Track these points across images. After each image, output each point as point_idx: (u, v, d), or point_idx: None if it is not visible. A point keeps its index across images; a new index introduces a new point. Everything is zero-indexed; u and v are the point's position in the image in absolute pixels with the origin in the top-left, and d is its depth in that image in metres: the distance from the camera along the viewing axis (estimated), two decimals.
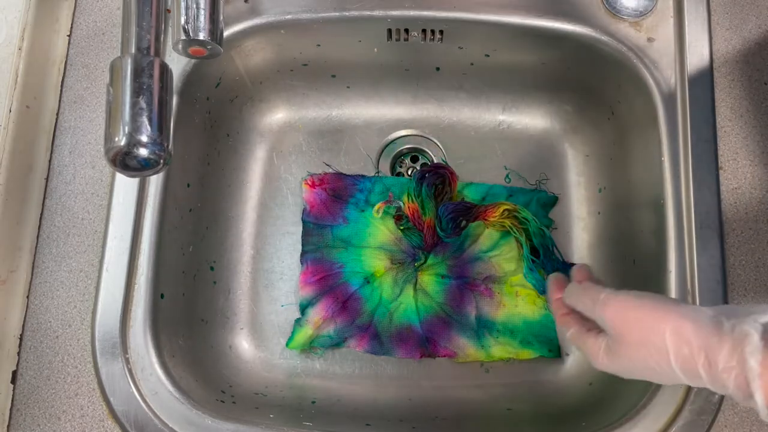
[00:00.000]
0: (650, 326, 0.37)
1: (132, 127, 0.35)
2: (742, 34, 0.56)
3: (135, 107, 0.36)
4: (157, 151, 0.36)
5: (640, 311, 0.38)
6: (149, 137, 0.35)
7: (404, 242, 0.63)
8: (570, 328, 0.44)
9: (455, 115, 0.68)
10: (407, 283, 0.62)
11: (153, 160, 0.36)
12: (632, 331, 0.38)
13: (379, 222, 0.63)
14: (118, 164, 0.36)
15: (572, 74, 0.61)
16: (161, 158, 0.36)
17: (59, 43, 0.58)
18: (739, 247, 0.51)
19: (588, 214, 0.64)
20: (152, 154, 0.36)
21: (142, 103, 0.36)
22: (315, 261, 0.63)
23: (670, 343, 0.36)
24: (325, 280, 0.62)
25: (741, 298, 0.50)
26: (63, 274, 0.54)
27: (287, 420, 0.53)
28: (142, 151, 0.35)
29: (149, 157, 0.36)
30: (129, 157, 0.36)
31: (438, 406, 0.59)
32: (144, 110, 0.36)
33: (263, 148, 0.68)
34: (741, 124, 0.54)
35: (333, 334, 0.61)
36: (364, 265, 0.62)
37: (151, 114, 0.36)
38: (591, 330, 0.43)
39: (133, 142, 0.35)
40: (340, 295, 0.62)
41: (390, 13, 0.57)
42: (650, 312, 0.38)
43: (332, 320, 0.61)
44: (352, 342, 0.61)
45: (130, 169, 0.37)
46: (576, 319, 0.44)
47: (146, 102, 0.36)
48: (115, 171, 0.37)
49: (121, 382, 0.50)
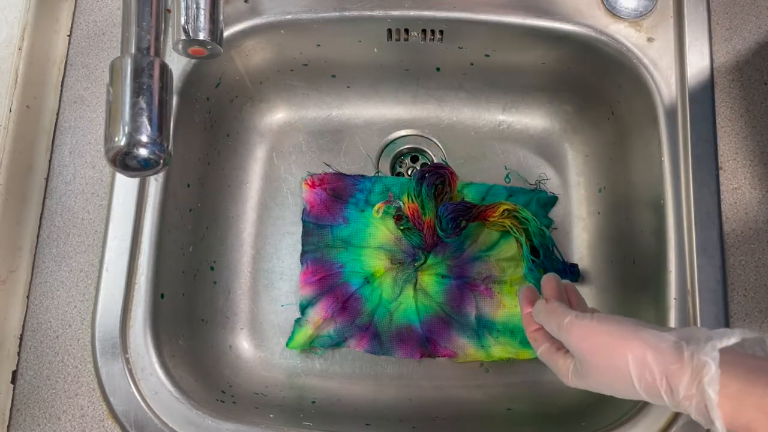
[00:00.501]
0: (613, 353, 0.38)
1: (132, 127, 0.35)
2: (742, 34, 0.56)
3: (135, 107, 0.36)
4: (157, 152, 0.36)
5: (604, 338, 0.39)
6: (149, 137, 0.35)
7: (404, 242, 0.63)
8: (540, 345, 0.45)
9: (455, 115, 0.68)
10: (407, 283, 0.62)
11: (153, 160, 0.36)
12: (596, 357, 0.39)
13: (379, 222, 0.63)
14: (118, 164, 0.36)
15: (572, 74, 0.61)
16: (161, 158, 0.36)
17: (59, 43, 0.58)
18: (739, 247, 0.51)
19: (588, 214, 0.64)
20: (152, 155, 0.36)
21: (142, 103, 0.36)
22: (315, 261, 0.63)
23: (633, 369, 0.37)
24: (325, 280, 0.62)
25: (741, 298, 0.50)
26: (63, 274, 0.54)
27: (287, 420, 0.53)
28: (142, 152, 0.35)
29: (149, 158, 0.36)
30: (129, 157, 0.36)
31: (438, 406, 0.59)
32: (144, 110, 0.36)
33: (263, 148, 0.68)
34: (741, 124, 0.54)
35: (333, 334, 0.61)
36: (364, 265, 0.62)
37: (151, 114, 0.36)
38: (560, 349, 0.43)
39: (133, 142, 0.35)
40: (340, 295, 0.62)
41: (390, 13, 0.57)
42: (613, 339, 0.39)
43: (332, 320, 0.61)
44: (352, 342, 0.61)
45: (130, 170, 0.37)
46: (546, 336, 0.45)
47: (146, 102, 0.36)
48: (115, 171, 0.37)
49: (121, 382, 0.50)
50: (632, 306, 0.57)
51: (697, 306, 0.50)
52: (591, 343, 0.40)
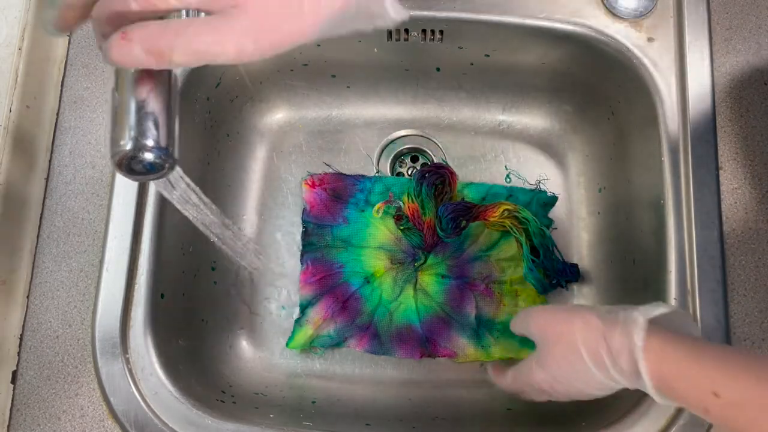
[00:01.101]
0: (564, 324, 0.43)
1: (138, 132, 0.35)
2: (742, 34, 0.56)
3: (140, 111, 0.36)
4: (162, 156, 0.36)
5: (557, 313, 0.45)
6: (155, 142, 0.35)
7: (404, 242, 0.63)
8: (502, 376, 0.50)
9: (455, 115, 0.68)
10: (407, 283, 0.62)
11: (158, 164, 0.36)
12: (550, 332, 0.44)
13: (379, 222, 0.63)
14: (124, 168, 0.36)
15: (572, 74, 0.61)
16: (166, 163, 0.36)
17: (59, 43, 0.58)
18: (739, 247, 0.51)
19: (588, 214, 0.64)
20: (158, 159, 0.36)
21: (148, 108, 0.36)
22: (315, 261, 0.63)
23: (579, 335, 0.41)
24: (325, 280, 0.62)
25: (741, 298, 0.50)
26: (63, 274, 0.54)
27: (287, 420, 0.53)
28: (148, 156, 0.35)
29: (155, 162, 0.36)
30: (135, 161, 0.36)
31: (438, 406, 0.59)
32: (150, 115, 0.36)
33: (263, 148, 0.68)
34: (741, 124, 0.54)
35: (333, 334, 0.61)
36: (364, 265, 0.62)
37: (156, 118, 0.36)
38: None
39: (138, 146, 0.35)
40: (340, 294, 0.62)
41: None
42: (563, 313, 0.45)
43: (332, 320, 0.61)
44: (352, 342, 0.61)
45: (136, 173, 0.37)
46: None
47: (152, 106, 0.36)
48: (121, 175, 0.37)
49: (121, 382, 0.50)
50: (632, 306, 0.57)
51: (697, 306, 0.50)
52: (546, 319, 0.45)
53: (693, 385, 0.36)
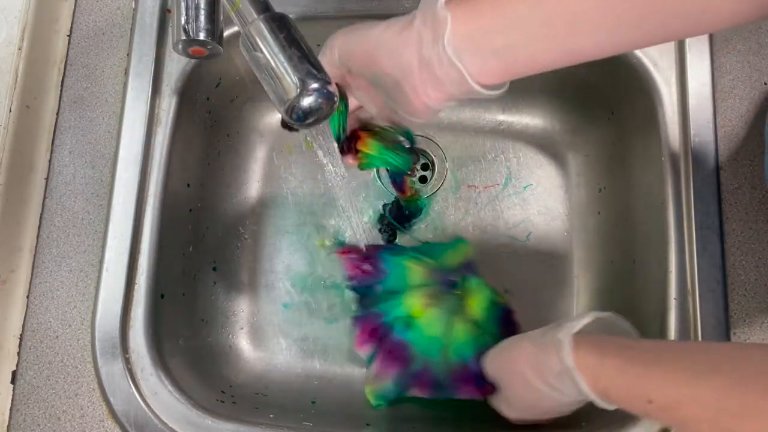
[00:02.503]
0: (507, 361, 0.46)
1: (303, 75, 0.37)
2: (742, 33, 0.56)
3: (293, 60, 0.37)
4: (329, 88, 0.38)
5: (502, 352, 0.47)
6: (318, 79, 0.37)
7: (436, 274, 0.59)
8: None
9: (455, 115, 0.68)
10: (454, 315, 0.57)
11: (323, 105, 0.38)
12: (502, 372, 0.46)
13: (411, 262, 0.60)
14: (299, 117, 0.38)
15: (572, 74, 0.61)
16: (332, 103, 0.38)
17: (59, 43, 0.58)
18: (739, 247, 0.51)
19: (588, 214, 0.64)
20: (322, 98, 0.38)
21: (296, 52, 0.38)
22: (362, 319, 0.59)
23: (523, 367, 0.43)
24: (373, 334, 0.58)
25: (741, 298, 0.50)
26: (63, 274, 0.54)
27: (287, 420, 0.53)
28: (316, 97, 0.37)
29: (321, 101, 0.38)
30: (303, 108, 0.37)
31: (438, 406, 0.58)
32: (303, 58, 0.37)
33: (263, 148, 0.68)
34: (741, 124, 0.54)
35: (392, 387, 0.57)
36: (403, 308, 0.58)
37: (310, 59, 0.38)
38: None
39: (305, 89, 0.37)
40: (389, 344, 0.57)
41: (390, 12, 0.57)
42: (506, 350, 0.46)
43: (386, 373, 0.57)
44: (415, 390, 0.56)
45: (311, 116, 0.38)
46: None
47: (299, 52, 0.38)
48: (299, 127, 0.39)
49: (121, 382, 0.50)
50: (632, 306, 0.57)
51: (697, 306, 0.50)
52: (498, 368, 0.47)
53: (628, 394, 0.37)
